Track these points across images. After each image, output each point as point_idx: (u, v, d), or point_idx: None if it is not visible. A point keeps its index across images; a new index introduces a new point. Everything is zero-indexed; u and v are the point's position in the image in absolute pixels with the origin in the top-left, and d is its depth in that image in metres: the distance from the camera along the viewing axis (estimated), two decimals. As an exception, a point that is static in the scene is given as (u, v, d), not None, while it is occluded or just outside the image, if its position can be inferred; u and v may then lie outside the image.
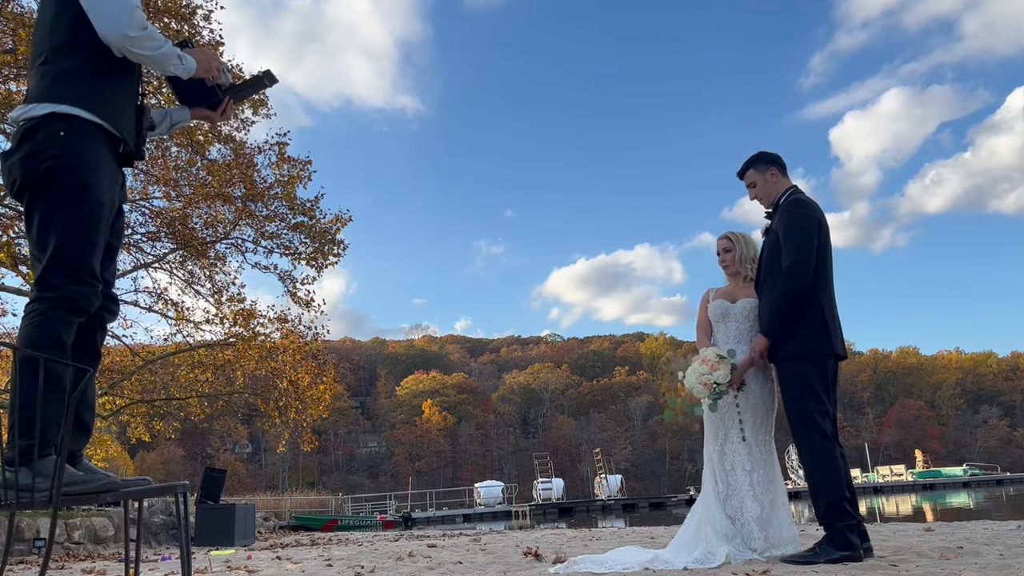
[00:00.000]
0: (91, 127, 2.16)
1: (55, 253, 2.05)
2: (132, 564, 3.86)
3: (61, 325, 2.06)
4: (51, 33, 2.19)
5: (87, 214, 2.12)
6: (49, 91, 2.13)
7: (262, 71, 2.59)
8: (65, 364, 2.00)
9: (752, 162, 3.83)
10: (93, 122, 2.17)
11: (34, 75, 2.19)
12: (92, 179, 2.13)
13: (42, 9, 2.25)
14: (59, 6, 2.19)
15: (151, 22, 2.05)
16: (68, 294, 2.06)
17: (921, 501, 30.04)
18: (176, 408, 14.99)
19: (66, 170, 2.08)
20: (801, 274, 3.48)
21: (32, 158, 2.08)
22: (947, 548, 3.70)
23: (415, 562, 4.72)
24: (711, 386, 3.58)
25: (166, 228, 12.64)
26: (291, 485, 64.88)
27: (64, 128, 2.10)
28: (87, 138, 2.15)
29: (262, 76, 2.56)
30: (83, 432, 2.25)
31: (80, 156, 2.11)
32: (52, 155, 2.07)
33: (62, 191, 2.08)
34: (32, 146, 2.08)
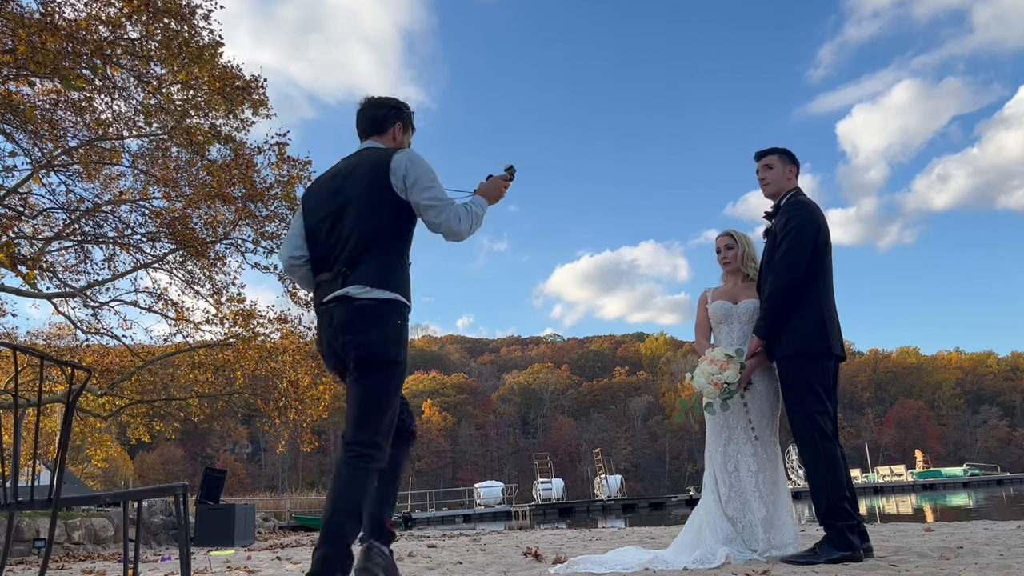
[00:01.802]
0: (408, 312, 2.64)
1: (381, 422, 2.52)
2: (132, 564, 3.86)
3: (373, 475, 2.52)
4: (383, 223, 2.60)
5: (399, 392, 2.62)
6: (386, 280, 2.55)
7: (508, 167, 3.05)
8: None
9: (779, 150, 3.82)
10: (409, 307, 2.64)
11: (358, 255, 2.57)
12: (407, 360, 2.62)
13: (371, 202, 2.61)
14: (387, 205, 2.60)
15: (151, 22, 2.25)
16: (382, 455, 2.54)
17: (921, 501, 30.04)
18: (176, 408, 14.98)
19: (402, 360, 2.55)
20: (791, 270, 3.47)
21: (375, 345, 2.49)
22: (947, 548, 3.70)
23: (415, 562, 4.72)
24: (721, 386, 3.56)
25: (166, 228, 12.63)
26: (291, 485, 64.96)
27: (401, 319, 2.57)
28: (407, 324, 2.62)
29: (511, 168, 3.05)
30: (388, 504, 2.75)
31: (406, 344, 2.59)
32: (394, 343, 2.52)
33: (396, 377, 2.56)
34: (376, 330, 2.49)
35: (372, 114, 2.86)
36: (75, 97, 10.82)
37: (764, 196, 3.84)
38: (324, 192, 2.73)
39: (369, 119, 2.86)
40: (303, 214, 2.78)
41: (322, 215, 2.69)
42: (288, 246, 2.79)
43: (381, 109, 2.87)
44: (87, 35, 9.48)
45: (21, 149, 11.34)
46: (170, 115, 11.26)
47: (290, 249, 2.78)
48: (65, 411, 2.54)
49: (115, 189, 13.06)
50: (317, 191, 2.77)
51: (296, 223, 2.81)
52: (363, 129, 2.88)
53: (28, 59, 8.61)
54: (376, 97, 2.93)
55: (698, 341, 3.97)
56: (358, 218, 2.60)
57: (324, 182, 2.78)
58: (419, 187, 2.61)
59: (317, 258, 2.72)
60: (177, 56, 10.20)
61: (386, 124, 2.86)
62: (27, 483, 2.56)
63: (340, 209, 2.64)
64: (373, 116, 2.86)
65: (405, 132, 2.94)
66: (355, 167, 2.70)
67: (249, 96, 11.78)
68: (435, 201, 2.62)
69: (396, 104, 2.91)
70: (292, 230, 2.82)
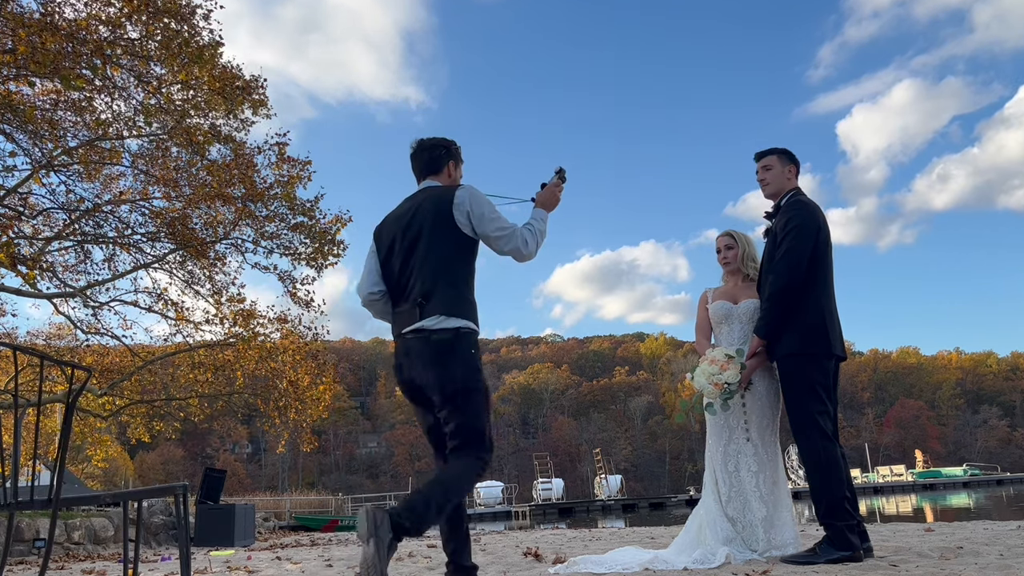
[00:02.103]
0: (478, 336, 2.84)
1: (482, 444, 2.73)
2: (132, 564, 3.86)
3: (477, 476, 2.76)
4: (453, 259, 2.82)
5: (489, 413, 2.84)
6: (457, 308, 2.76)
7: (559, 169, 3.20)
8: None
9: (778, 150, 3.82)
10: (478, 332, 2.85)
11: (432, 287, 2.78)
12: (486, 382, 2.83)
13: (440, 238, 2.83)
14: (453, 238, 2.82)
15: (151, 22, 2.32)
16: (488, 461, 2.78)
17: (921, 501, 30.04)
18: (176, 408, 14.98)
19: (482, 385, 2.77)
20: (791, 270, 3.47)
21: (456, 380, 2.71)
22: (947, 548, 3.70)
23: (415, 562, 4.72)
24: (722, 386, 3.56)
25: (166, 228, 12.63)
26: (291, 485, 64.91)
27: (474, 347, 2.78)
28: (479, 348, 2.84)
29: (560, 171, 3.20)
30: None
31: (482, 368, 2.82)
32: (472, 371, 2.74)
33: (481, 401, 2.75)
34: (452, 355, 2.71)
35: (426, 156, 3.08)
36: (75, 97, 10.82)
37: (764, 197, 3.84)
38: (394, 229, 2.95)
39: (425, 161, 3.07)
40: (376, 251, 3.00)
41: (394, 251, 2.92)
42: (366, 283, 3.00)
43: (434, 151, 3.08)
44: (87, 35, 9.48)
45: (21, 149, 11.35)
46: (170, 115, 11.26)
47: (368, 286, 2.99)
48: (65, 411, 2.54)
49: (115, 189, 13.07)
50: (387, 229, 2.99)
51: (370, 260, 3.02)
52: (420, 171, 3.10)
53: (28, 59, 8.60)
54: (426, 140, 3.12)
55: (698, 341, 3.96)
56: (427, 252, 2.82)
57: (393, 220, 2.99)
58: (485, 220, 2.84)
59: (393, 291, 2.94)
60: (177, 56, 10.20)
61: (440, 164, 3.07)
62: (27, 483, 2.56)
63: (411, 245, 2.86)
64: (428, 158, 3.07)
65: (457, 167, 3.13)
66: (420, 204, 2.92)
67: (249, 96, 11.78)
68: (501, 231, 2.85)
69: (445, 144, 3.11)
70: (368, 267, 3.02)
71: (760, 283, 3.77)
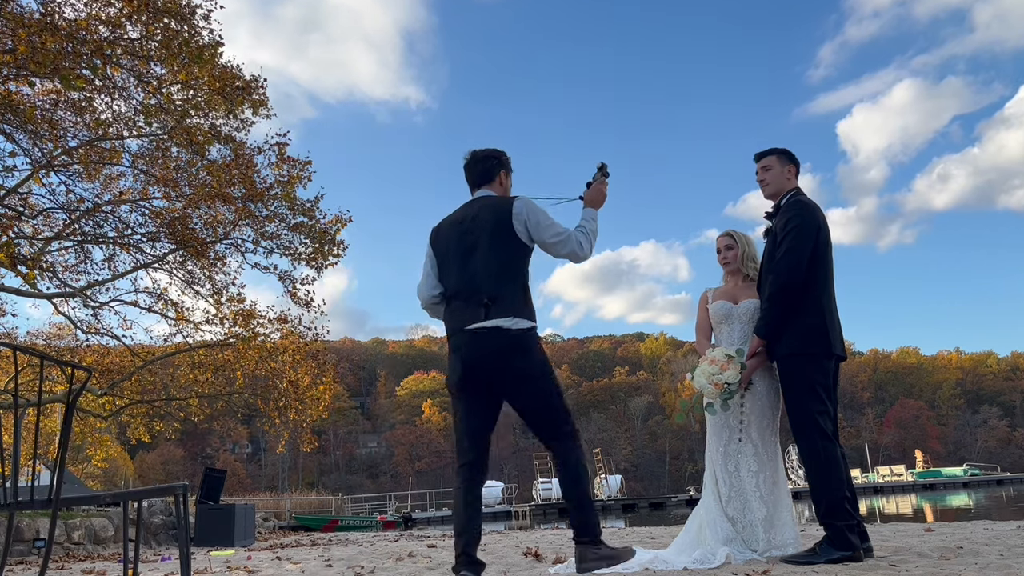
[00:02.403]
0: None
1: (567, 412, 3.09)
2: (132, 564, 3.86)
3: (582, 452, 3.17)
4: (514, 264, 3.07)
5: (560, 387, 3.18)
6: (524, 310, 3.04)
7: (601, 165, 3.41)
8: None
9: (778, 151, 3.83)
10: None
11: (496, 290, 3.02)
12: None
13: (500, 245, 3.06)
14: (520, 247, 3.07)
15: (151, 22, 2.42)
16: (575, 427, 3.14)
17: (921, 501, 30.04)
18: (176, 408, 14.98)
19: (550, 367, 3.10)
20: (791, 270, 3.47)
21: (533, 367, 3.02)
22: (947, 548, 3.70)
23: (415, 562, 4.72)
24: (722, 386, 3.56)
25: (166, 228, 12.63)
26: (291, 485, 64.94)
27: (540, 342, 3.10)
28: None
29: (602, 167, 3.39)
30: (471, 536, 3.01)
31: (547, 357, 3.16)
32: (544, 360, 3.07)
33: (554, 377, 3.09)
34: (529, 353, 3.00)
35: (480, 168, 3.30)
36: (75, 97, 10.82)
37: (764, 197, 3.84)
38: (452, 235, 3.16)
39: (479, 172, 3.29)
40: (434, 255, 3.21)
41: (452, 254, 3.13)
42: (427, 286, 3.20)
43: (487, 162, 3.30)
44: (87, 35, 9.48)
45: (21, 149, 11.35)
46: (170, 115, 11.26)
47: (429, 288, 3.19)
48: (65, 411, 2.54)
49: (115, 189, 13.07)
50: (444, 234, 3.19)
51: (429, 264, 3.22)
52: (473, 180, 3.32)
53: (28, 59, 8.60)
54: (479, 151, 3.34)
55: (699, 341, 3.96)
56: (489, 257, 3.05)
57: (450, 227, 3.20)
58: (541, 227, 3.08)
59: (451, 291, 3.13)
60: (177, 56, 10.19)
61: (493, 174, 3.29)
62: (27, 483, 2.56)
63: (469, 249, 3.08)
64: (483, 169, 3.29)
65: (508, 176, 3.35)
66: (478, 213, 3.14)
67: (249, 96, 11.78)
68: (558, 236, 3.08)
69: (496, 155, 3.33)
70: (426, 271, 3.21)
71: (760, 283, 3.77)
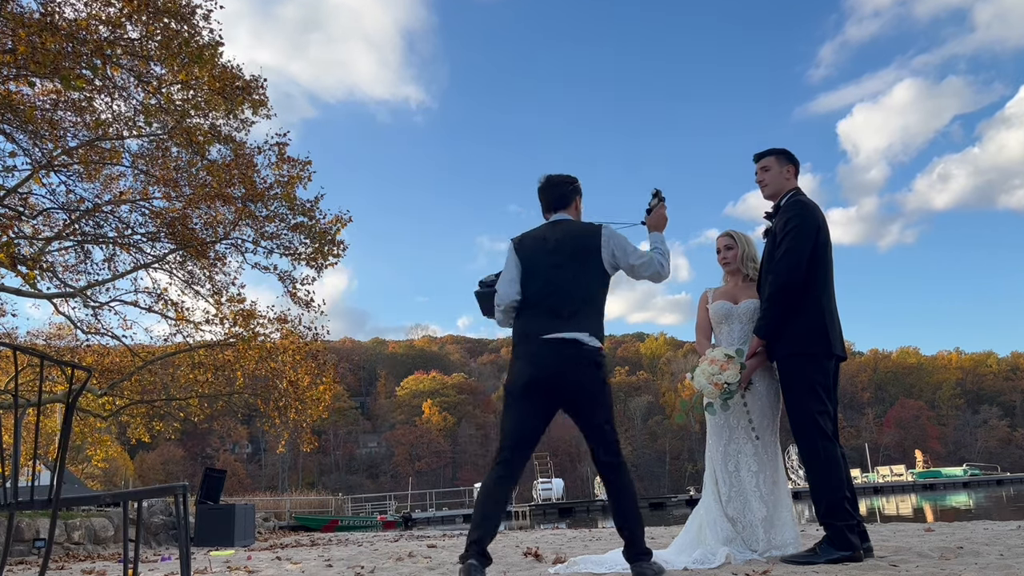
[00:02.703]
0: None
1: (616, 433, 3.22)
2: (132, 564, 3.86)
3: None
4: (596, 286, 3.24)
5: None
6: (599, 331, 3.20)
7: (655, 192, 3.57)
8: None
9: (776, 151, 3.83)
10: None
11: (578, 309, 3.17)
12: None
13: (585, 267, 3.24)
14: (603, 274, 3.26)
15: (151, 22, 2.41)
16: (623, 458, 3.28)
17: (921, 501, 30.03)
18: (176, 408, 14.97)
19: (611, 393, 3.28)
20: (791, 270, 3.47)
21: (601, 383, 3.17)
22: (947, 548, 3.69)
23: (415, 562, 4.72)
24: (722, 386, 3.56)
25: (166, 228, 12.63)
26: (291, 485, 64.95)
27: (605, 357, 3.26)
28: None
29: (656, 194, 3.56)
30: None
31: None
32: (607, 380, 3.22)
33: (612, 407, 3.25)
34: (601, 370, 3.17)
35: (557, 192, 3.45)
36: (75, 97, 10.82)
37: (764, 198, 3.84)
38: (539, 249, 3.30)
39: (556, 196, 3.44)
40: (519, 262, 3.32)
41: (538, 267, 3.26)
42: (511, 290, 3.30)
43: (563, 187, 3.46)
44: (87, 35, 9.48)
45: (21, 149, 11.34)
46: (170, 115, 11.26)
47: (513, 293, 3.29)
48: (65, 411, 2.54)
49: (115, 189, 13.06)
50: (530, 247, 3.33)
51: (514, 270, 3.33)
52: (549, 204, 3.46)
53: (28, 59, 8.60)
54: (554, 176, 3.49)
55: (699, 341, 3.96)
56: (574, 277, 3.21)
57: (534, 240, 3.34)
58: (627, 253, 3.26)
59: (529, 300, 3.26)
60: (177, 56, 10.19)
61: (569, 199, 3.45)
62: (27, 483, 2.56)
63: (555, 267, 3.22)
64: (559, 194, 3.45)
65: (580, 201, 3.53)
66: (564, 235, 3.30)
67: (249, 96, 11.78)
68: (641, 259, 3.27)
69: (571, 180, 3.50)
70: (510, 275, 3.32)
71: (760, 283, 3.78)
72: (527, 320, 3.23)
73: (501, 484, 3.10)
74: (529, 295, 3.25)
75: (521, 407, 3.16)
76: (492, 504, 3.05)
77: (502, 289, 3.31)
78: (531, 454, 3.24)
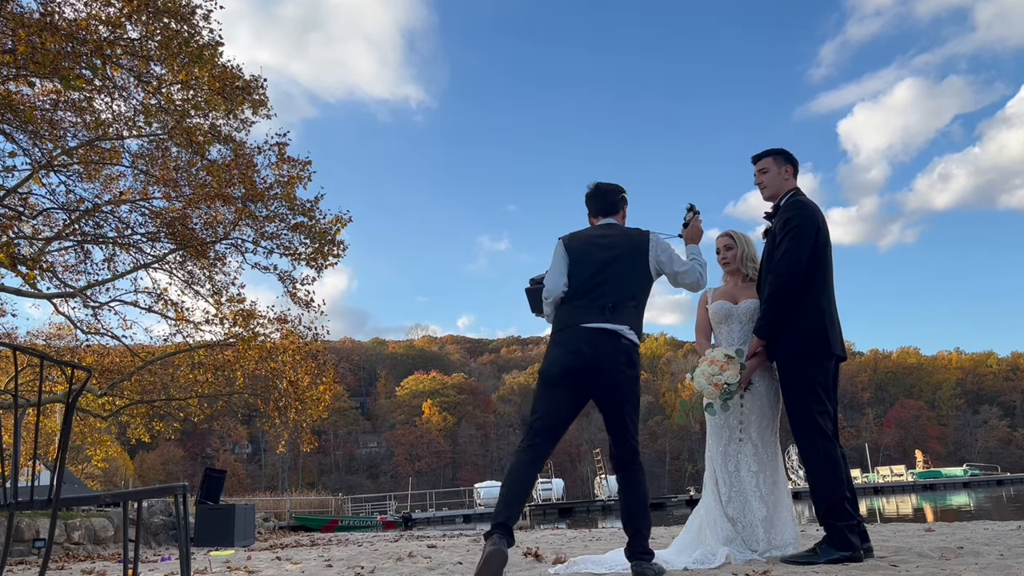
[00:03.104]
0: None
1: (636, 429, 3.31)
2: (132, 564, 3.86)
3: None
4: (640, 286, 3.35)
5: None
6: (638, 328, 3.28)
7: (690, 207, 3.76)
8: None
9: (774, 152, 3.83)
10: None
11: (620, 303, 3.26)
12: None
13: (632, 267, 3.35)
14: (648, 276, 3.37)
15: (151, 22, 2.41)
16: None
17: (921, 501, 30.04)
18: (176, 408, 14.98)
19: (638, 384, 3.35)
20: (790, 271, 3.48)
21: (635, 375, 3.27)
22: (947, 548, 3.69)
23: (415, 562, 4.72)
24: (721, 387, 3.56)
25: (166, 228, 12.63)
26: (291, 485, 64.95)
27: (639, 355, 3.34)
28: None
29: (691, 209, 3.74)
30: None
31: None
32: (639, 378, 3.32)
33: (637, 395, 3.32)
34: (634, 366, 3.25)
35: (609, 200, 3.61)
36: (75, 97, 10.82)
37: (763, 199, 3.85)
38: (591, 247, 3.41)
39: (609, 203, 3.61)
40: (568, 256, 3.42)
41: (585, 262, 3.37)
42: (560, 282, 3.39)
43: (614, 195, 3.62)
44: (87, 35, 9.48)
45: (21, 149, 11.35)
46: (170, 115, 11.26)
47: (562, 284, 3.39)
48: (65, 411, 2.54)
49: (115, 189, 13.06)
50: (582, 243, 3.44)
51: (561, 263, 3.43)
52: (600, 209, 3.61)
53: (28, 59, 8.60)
54: (603, 184, 3.66)
55: (699, 342, 3.96)
56: (621, 275, 3.33)
57: (589, 240, 3.46)
58: (673, 260, 3.42)
59: (576, 291, 3.34)
60: (177, 56, 10.19)
61: (619, 207, 3.62)
62: (27, 483, 2.56)
63: (604, 263, 3.34)
64: (611, 201, 3.61)
65: (626, 208, 3.70)
66: (616, 236, 3.44)
67: (249, 96, 11.78)
68: (684, 266, 3.42)
69: (620, 190, 3.66)
70: (560, 269, 3.42)
71: (760, 283, 3.78)
72: (571, 310, 3.30)
73: (530, 468, 3.13)
74: (576, 287, 3.34)
75: (555, 393, 3.21)
76: (519, 488, 3.08)
77: (551, 282, 3.40)
78: (559, 441, 3.26)
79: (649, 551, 3.14)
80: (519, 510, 3.07)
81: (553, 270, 3.43)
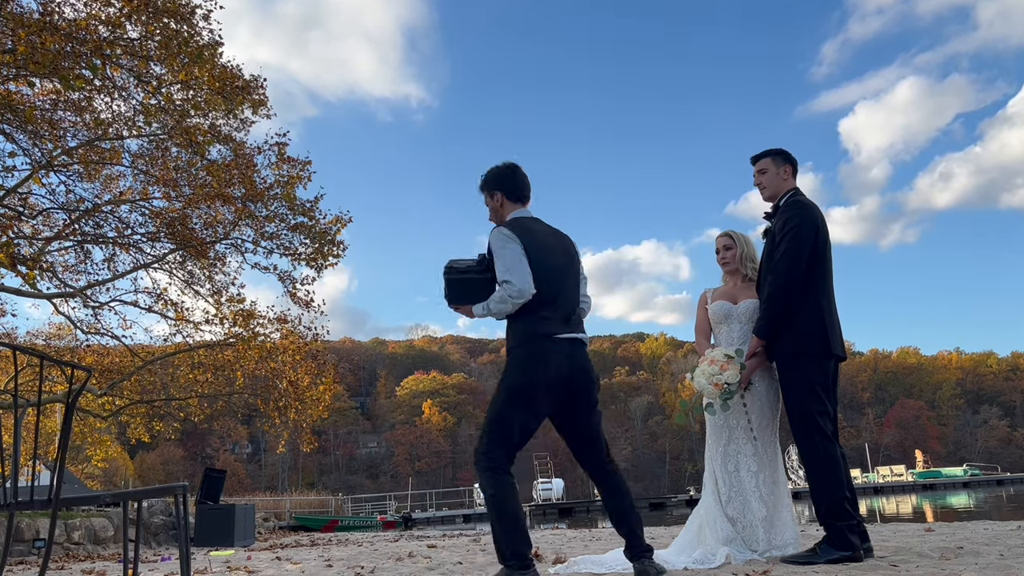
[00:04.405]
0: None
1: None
2: (132, 564, 3.86)
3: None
4: (579, 284, 3.30)
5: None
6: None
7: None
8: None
9: (772, 152, 3.83)
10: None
11: (575, 310, 3.21)
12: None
13: (576, 268, 3.31)
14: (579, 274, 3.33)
15: (151, 22, 2.38)
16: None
17: (921, 501, 30.04)
18: (176, 408, 14.98)
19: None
20: (790, 271, 3.47)
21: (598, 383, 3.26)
22: (947, 548, 3.70)
23: (415, 562, 4.72)
24: (722, 386, 3.56)
25: (166, 228, 12.63)
26: (291, 485, 64.92)
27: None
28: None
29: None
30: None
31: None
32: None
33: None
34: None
35: (528, 187, 3.40)
36: (75, 97, 10.82)
37: (763, 200, 3.85)
38: (550, 245, 3.22)
39: (528, 191, 3.40)
40: (529, 252, 3.11)
41: (546, 266, 3.15)
42: (530, 281, 3.09)
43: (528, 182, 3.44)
44: (87, 35, 9.48)
45: (21, 149, 11.35)
46: (170, 115, 11.26)
47: (532, 284, 3.09)
48: (65, 411, 2.54)
49: (115, 189, 13.07)
50: (537, 248, 3.15)
51: (524, 261, 3.10)
52: (524, 196, 3.39)
53: (28, 59, 8.60)
54: (522, 168, 3.43)
55: (698, 341, 3.96)
56: (576, 280, 3.27)
57: (544, 235, 3.23)
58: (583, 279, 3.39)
59: (538, 300, 3.11)
60: (177, 56, 10.20)
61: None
62: (27, 483, 2.56)
63: (562, 267, 3.21)
64: (529, 189, 3.40)
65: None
66: (563, 239, 3.33)
67: (249, 96, 11.78)
68: (584, 285, 3.40)
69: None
70: (526, 265, 3.09)
71: (759, 283, 3.78)
72: (537, 320, 3.07)
73: (516, 491, 3.04)
74: (540, 292, 3.09)
75: (532, 410, 3.04)
76: (520, 513, 3.00)
77: (522, 282, 3.04)
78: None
79: (648, 547, 3.12)
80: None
81: (518, 267, 3.06)
